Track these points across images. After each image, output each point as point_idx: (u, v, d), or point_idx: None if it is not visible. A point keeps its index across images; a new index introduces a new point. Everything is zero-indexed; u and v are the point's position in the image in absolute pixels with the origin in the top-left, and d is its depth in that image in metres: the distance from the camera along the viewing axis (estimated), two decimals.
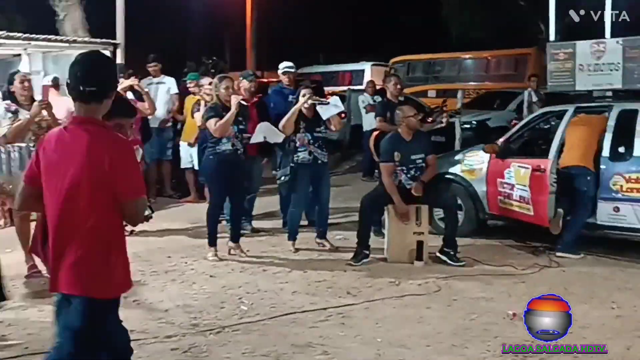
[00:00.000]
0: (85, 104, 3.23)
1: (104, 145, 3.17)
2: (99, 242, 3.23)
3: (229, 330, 5.34)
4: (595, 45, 8.02)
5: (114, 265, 3.29)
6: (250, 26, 26.75)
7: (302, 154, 7.71)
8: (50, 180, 3.22)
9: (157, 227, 9.10)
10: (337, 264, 7.28)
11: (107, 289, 3.28)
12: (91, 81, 3.23)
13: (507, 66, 21.57)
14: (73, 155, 3.16)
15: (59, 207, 3.20)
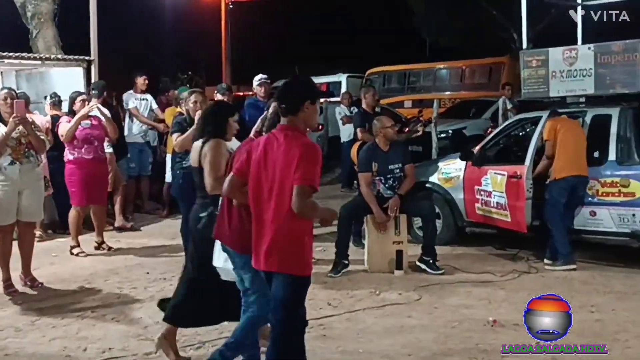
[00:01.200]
0: (284, 117, 4.00)
1: (296, 147, 3.84)
2: (296, 226, 3.85)
3: (210, 345, 5.29)
4: (568, 52, 8.10)
5: (307, 247, 3.95)
6: (225, 40, 26.77)
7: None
8: (258, 175, 3.94)
9: (136, 243, 9.06)
10: (317, 276, 7.24)
11: (304, 267, 3.94)
12: (283, 99, 4.02)
13: (481, 75, 21.74)
14: (277, 156, 3.88)
15: (264, 197, 3.91)
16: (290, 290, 3.91)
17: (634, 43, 7.60)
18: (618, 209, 7.25)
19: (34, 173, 6.86)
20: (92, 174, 8.39)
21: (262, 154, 3.97)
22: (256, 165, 3.98)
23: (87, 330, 5.66)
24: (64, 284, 7.11)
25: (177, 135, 7.21)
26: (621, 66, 7.64)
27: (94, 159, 8.38)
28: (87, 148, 8.33)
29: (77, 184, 8.33)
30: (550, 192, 7.42)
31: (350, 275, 7.27)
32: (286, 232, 3.86)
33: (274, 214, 3.87)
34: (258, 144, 4.03)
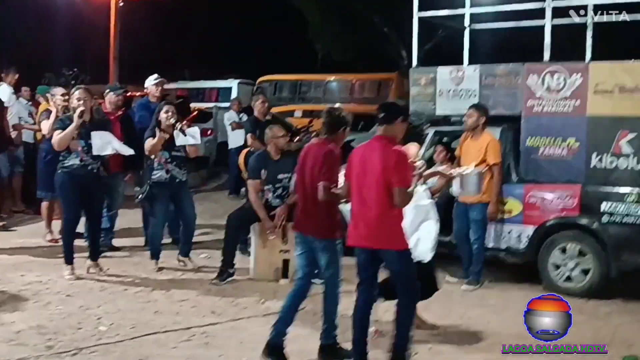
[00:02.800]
0: (380, 126, 4.97)
1: (391, 153, 4.81)
2: (394, 214, 4.85)
3: (87, 351, 5.13)
4: (455, 72, 8.38)
5: (400, 229, 4.90)
6: (113, 38, 26.06)
7: (158, 172, 7.54)
8: (360, 175, 4.90)
9: (10, 244, 8.64)
10: (202, 283, 7.17)
11: (404, 243, 4.92)
12: (384, 110, 5.01)
13: (370, 89, 22.17)
14: (375, 159, 4.83)
15: (366, 192, 4.86)
16: (401, 262, 4.91)
17: (515, 66, 7.95)
18: (495, 225, 7.54)
19: None
20: None
21: (362, 157, 4.94)
22: (357, 168, 4.93)
23: None
24: None
25: (58, 132, 6.96)
26: (504, 88, 7.97)
27: None
28: None
29: None
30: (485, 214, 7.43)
31: (235, 283, 7.21)
32: (387, 219, 4.83)
33: (376, 206, 4.83)
34: (356, 152, 5.00)
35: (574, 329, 5.05)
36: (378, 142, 4.93)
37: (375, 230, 4.87)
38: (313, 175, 5.14)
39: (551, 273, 7.29)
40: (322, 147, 5.21)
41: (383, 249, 4.90)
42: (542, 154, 7.61)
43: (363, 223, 4.92)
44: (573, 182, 7.29)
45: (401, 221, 4.92)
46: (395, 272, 4.99)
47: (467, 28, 8.60)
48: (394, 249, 4.89)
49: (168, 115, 7.51)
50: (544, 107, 7.61)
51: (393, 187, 4.76)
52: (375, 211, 4.84)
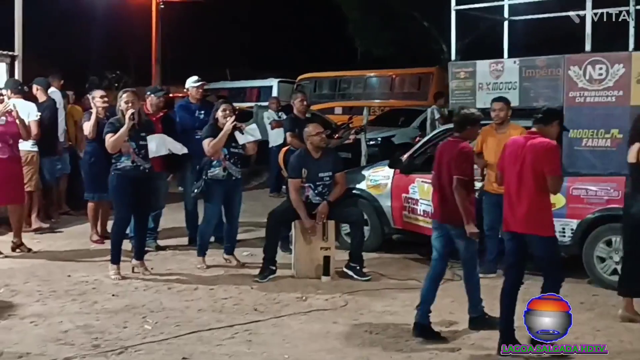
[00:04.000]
0: (535, 125, 5.36)
1: (541, 147, 5.19)
2: (544, 201, 5.24)
3: (132, 350, 5.20)
4: (494, 65, 8.30)
5: (550, 214, 5.33)
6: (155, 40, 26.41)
7: (216, 169, 7.63)
8: (512, 165, 5.30)
9: (57, 245, 8.83)
10: (244, 281, 7.23)
11: (552, 230, 5.32)
12: (542, 113, 5.39)
13: (410, 84, 22.09)
14: (526, 152, 5.21)
15: (518, 181, 5.25)
16: (546, 248, 5.26)
17: (556, 58, 7.84)
18: None
19: None
20: (6, 174, 8.08)
21: (515, 149, 5.32)
22: (510, 158, 5.34)
23: (4, 334, 5.48)
24: None
25: (110, 136, 7.08)
26: (544, 80, 7.88)
27: (8, 158, 8.09)
28: (2, 147, 8.03)
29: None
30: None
31: (277, 280, 7.25)
32: (536, 206, 5.20)
33: (527, 193, 5.20)
34: (510, 144, 5.43)
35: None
36: (530, 136, 5.33)
37: (525, 216, 5.23)
38: (449, 169, 5.64)
39: (597, 266, 7.17)
40: (456, 144, 5.71)
41: (530, 234, 5.25)
42: (585, 146, 7.49)
43: (514, 210, 5.30)
44: (617, 174, 7.16)
45: (550, 208, 5.35)
46: (541, 258, 5.35)
47: (506, 20, 8.51)
48: (541, 234, 5.23)
49: (225, 114, 7.61)
50: (586, 98, 7.49)
51: (546, 175, 5.16)
52: (526, 198, 5.22)
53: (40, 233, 9.47)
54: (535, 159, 5.20)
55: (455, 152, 5.66)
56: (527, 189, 5.24)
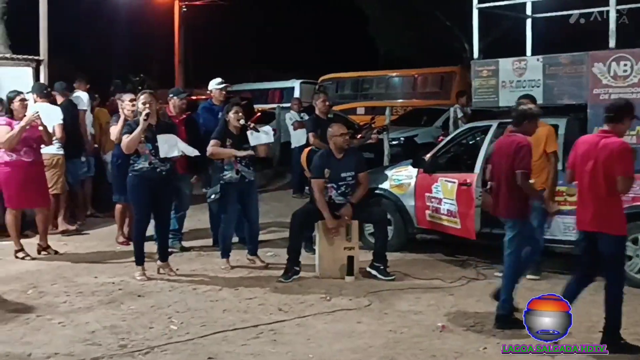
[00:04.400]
0: (607, 124, 5.34)
1: (614, 146, 5.21)
2: (614, 200, 5.27)
3: (158, 350, 5.25)
4: (517, 63, 8.26)
5: (621, 213, 5.37)
6: (178, 43, 26.59)
7: (229, 172, 7.67)
8: (583, 165, 5.35)
9: (84, 247, 8.92)
10: (268, 281, 7.26)
11: (622, 229, 5.33)
12: (611, 111, 5.36)
13: (433, 83, 22.00)
14: (598, 151, 5.25)
15: (588, 180, 5.31)
16: (615, 247, 5.30)
17: (580, 55, 7.79)
18: (564, 217, 7.39)
19: None
20: (31, 177, 8.17)
21: (587, 148, 5.36)
22: (582, 157, 5.38)
23: (32, 335, 5.55)
24: (8, 287, 6.95)
25: (126, 136, 7.15)
26: (568, 77, 7.82)
27: (33, 162, 8.19)
28: (27, 151, 8.13)
29: (14, 187, 8.12)
30: None
31: (301, 280, 7.27)
32: (607, 205, 5.25)
33: (598, 192, 5.26)
34: (581, 143, 5.50)
35: None
36: (603, 134, 5.35)
37: (596, 215, 5.29)
38: (508, 164, 5.77)
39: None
40: (514, 140, 5.83)
41: (600, 232, 5.28)
42: None
43: (586, 208, 5.37)
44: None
45: (621, 207, 5.38)
46: (607, 256, 5.32)
47: (529, 17, 8.47)
48: (611, 233, 5.26)
49: (237, 116, 7.66)
50: (611, 94, 7.42)
51: (616, 175, 5.17)
52: (597, 197, 5.28)
53: (67, 235, 9.58)
54: (608, 158, 5.21)
55: (515, 147, 5.75)
56: (598, 188, 5.27)
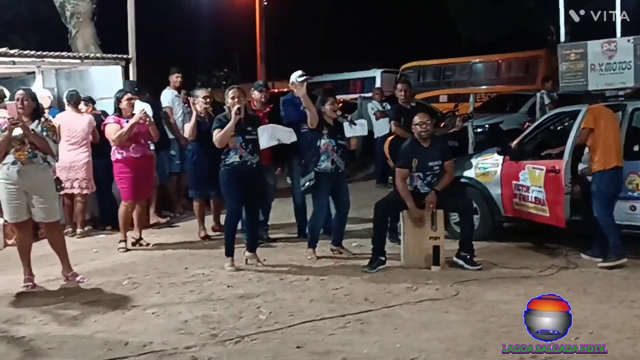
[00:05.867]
0: None
1: None
2: None
3: (248, 339, 5.35)
4: (607, 45, 7.98)
5: None
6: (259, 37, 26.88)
7: (325, 163, 7.72)
8: None
9: (174, 239, 9.17)
10: (354, 271, 7.29)
11: None
12: None
13: (518, 69, 21.54)
14: None
15: None
16: None
17: None
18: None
19: (38, 175, 6.76)
20: (141, 171, 8.53)
21: None
22: None
23: (128, 325, 5.76)
24: (105, 279, 7.23)
25: (217, 131, 7.29)
26: None
27: (141, 157, 8.53)
28: (135, 147, 8.45)
29: (127, 182, 8.46)
30: (599, 184, 7.25)
31: (387, 271, 7.27)
32: None
33: None
34: None
35: None
36: None
37: None
38: None
39: None
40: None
41: None
42: None
43: None
44: None
45: None
46: None
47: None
48: None
49: (333, 107, 7.75)
50: None
51: None
52: None
53: (158, 228, 9.88)
54: None
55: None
56: None
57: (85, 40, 12.40)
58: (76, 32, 12.47)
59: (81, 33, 12.45)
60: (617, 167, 7.22)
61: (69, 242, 7.67)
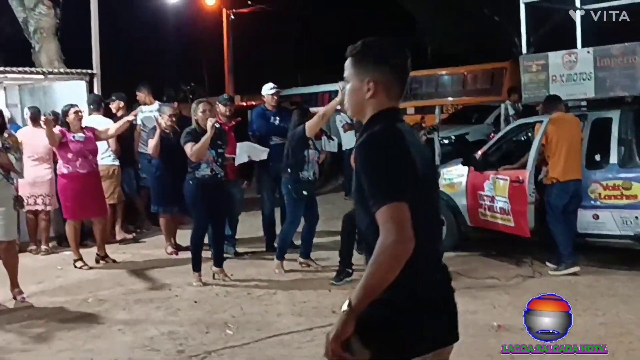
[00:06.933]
0: None
1: None
2: None
3: (215, 355, 5.32)
4: (567, 56, 8.13)
5: None
6: (227, 51, 26.87)
7: (307, 172, 7.73)
8: None
9: (141, 255, 9.09)
10: (322, 284, 7.29)
11: None
12: None
13: (483, 80, 21.72)
14: None
15: None
16: None
17: (632, 46, 7.63)
18: (621, 211, 7.26)
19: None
20: (87, 188, 8.36)
21: None
22: None
23: (93, 342, 5.70)
24: (70, 296, 7.14)
25: (191, 144, 7.24)
26: (620, 69, 7.67)
27: (88, 173, 8.38)
28: (82, 162, 8.32)
29: (72, 198, 8.33)
30: (550, 196, 7.42)
31: (354, 283, 7.26)
32: None
33: None
34: None
35: None
36: None
37: None
38: None
39: None
40: None
41: None
42: None
43: None
44: None
45: None
46: None
47: (579, 9, 8.33)
48: None
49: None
50: None
51: None
52: None
53: (124, 244, 9.78)
54: None
55: None
56: None
57: (49, 56, 12.26)
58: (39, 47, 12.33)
59: (45, 48, 12.31)
60: (572, 180, 7.34)
61: (34, 259, 7.58)
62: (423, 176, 2.60)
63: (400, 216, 2.44)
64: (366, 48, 2.76)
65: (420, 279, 2.61)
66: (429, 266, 2.70)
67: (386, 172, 2.50)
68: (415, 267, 2.50)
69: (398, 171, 2.50)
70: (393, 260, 2.45)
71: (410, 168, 2.54)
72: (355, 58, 2.77)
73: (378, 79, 2.71)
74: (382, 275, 2.47)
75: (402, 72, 2.79)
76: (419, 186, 2.55)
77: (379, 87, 2.71)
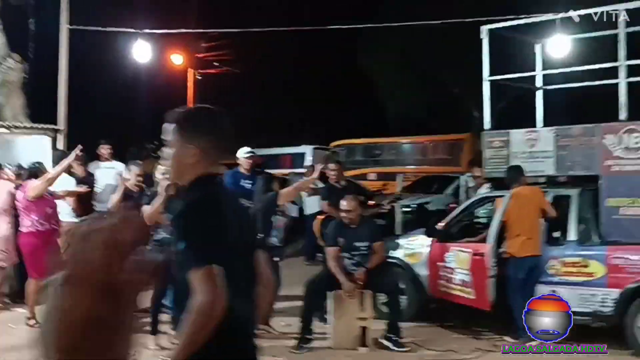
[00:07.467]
0: None
1: None
2: None
3: None
4: (529, 134, 8.35)
5: None
6: None
7: (274, 238, 7.74)
8: None
9: None
10: (281, 351, 7.20)
11: None
12: None
13: (443, 151, 22.15)
14: None
15: None
16: None
17: (591, 127, 7.88)
18: (578, 288, 7.36)
19: None
20: (49, 245, 8.24)
21: None
22: None
23: None
24: (21, 355, 6.92)
25: (148, 207, 7.21)
26: (580, 149, 7.90)
27: (48, 231, 8.29)
28: (43, 219, 8.27)
29: (41, 256, 8.18)
30: (509, 269, 7.52)
31: (314, 351, 7.22)
32: None
33: None
34: None
35: None
36: None
37: None
38: None
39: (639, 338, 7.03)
40: None
41: None
42: (623, 214, 7.45)
43: None
44: None
45: None
46: None
47: (539, 89, 8.60)
48: None
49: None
50: (623, 166, 7.49)
51: None
52: None
53: None
54: None
55: None
56: None
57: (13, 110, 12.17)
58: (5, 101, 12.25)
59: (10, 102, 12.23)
60: (530, 256, 7.47)
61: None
62: (239, 240, 2.81)
63: (212, 278, 2.61)
64: (191, 116, 2.99)
65: (230, 342, 2.73)
66: (241, 329, 2.83)
67: (202, 238, 2.69)
68: (227, 329, 2.65)
69: (212, 237, 2.69)
70: (206, 319, 2.60)
71: (224, 234, 2.73)
72: (180, 125, 2.95)
73: (202, 146, 2.89)
74: (196, 333, 2.62)
75: (225, 140, 2.98)
76: (234, 250, 2.75)
77: (202, 154, 2.89)
